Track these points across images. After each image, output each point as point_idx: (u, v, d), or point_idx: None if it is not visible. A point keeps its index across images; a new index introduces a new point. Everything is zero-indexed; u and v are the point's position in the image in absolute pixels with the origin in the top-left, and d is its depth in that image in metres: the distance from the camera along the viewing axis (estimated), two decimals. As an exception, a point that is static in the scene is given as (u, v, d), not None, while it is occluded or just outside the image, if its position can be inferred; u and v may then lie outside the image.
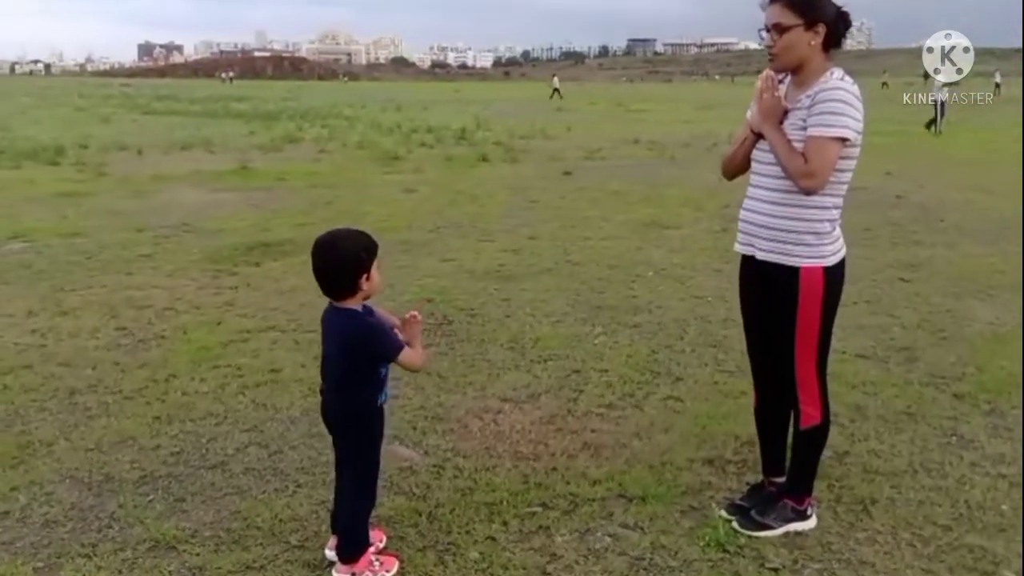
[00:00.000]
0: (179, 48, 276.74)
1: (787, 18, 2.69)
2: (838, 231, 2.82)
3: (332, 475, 2.94)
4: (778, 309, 2.84)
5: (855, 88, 2.67)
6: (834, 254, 2.79)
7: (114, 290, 6.34)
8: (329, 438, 2.86)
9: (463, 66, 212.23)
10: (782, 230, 2.77)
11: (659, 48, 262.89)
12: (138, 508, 3.14)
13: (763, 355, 3.03)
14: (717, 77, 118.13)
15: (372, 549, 2.79)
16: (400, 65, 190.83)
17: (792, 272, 2.77)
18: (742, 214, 2.93)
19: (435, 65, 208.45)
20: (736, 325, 3.71)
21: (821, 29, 2.71)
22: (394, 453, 3.59)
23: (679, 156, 16.16)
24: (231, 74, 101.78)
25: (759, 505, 3.05)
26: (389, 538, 2.93)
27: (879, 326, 5.32)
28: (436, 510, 3.16)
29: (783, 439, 3.10)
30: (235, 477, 3.39)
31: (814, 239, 2.74)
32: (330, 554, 2.81)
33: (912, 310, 5.64)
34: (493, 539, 2.97)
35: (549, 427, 3.94)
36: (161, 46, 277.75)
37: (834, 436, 3.73)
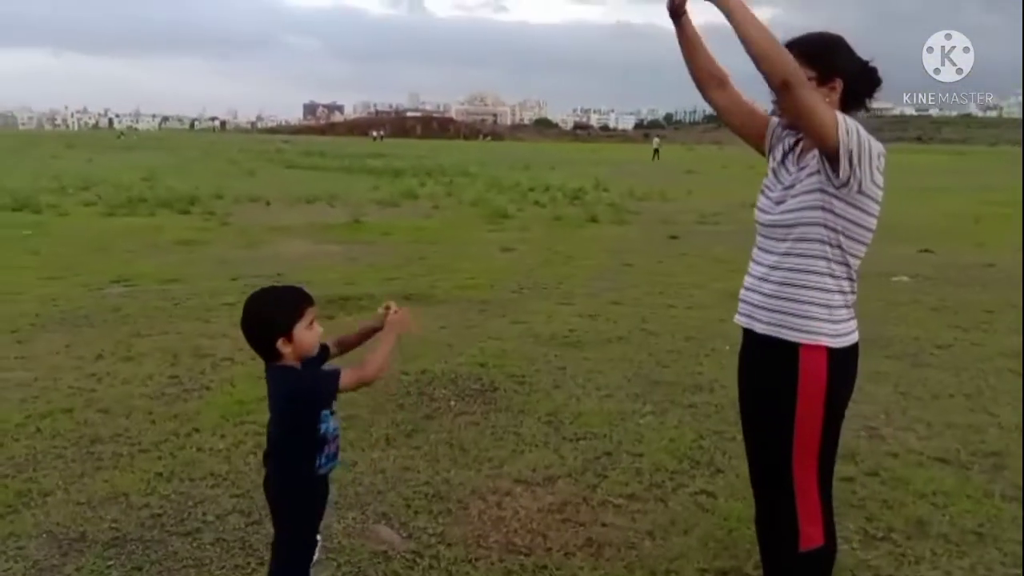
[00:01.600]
0: (340, 108, 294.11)
1: None
2: (852, 311, 2.39)
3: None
4: (775, 398, 2.40)
5: (877, 144, 2.27)
6: (843, 335, 2.34)
7: (186, 337, 6.47)
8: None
9: (604, 128, 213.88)
10: (781, 298, 2.36)
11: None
12: (93, 574, 3.03)
13: (760, 454, 2.59)
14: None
15: None
16: (543, 126, 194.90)
17: (791, 351, 2.33)
18: (744, 280, 2.54)
19: (577, 126, 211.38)
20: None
21: (838, 85, 2.36)
22: (375, 534, 3.35)
23: (801, 222, 15.31)
24: (382, 133, 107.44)
25: (755, 637, 2.58)
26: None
27: (971, 425, 4.62)
28: (395, 605, 2.88)
29: (787, 561, 2.62)
30: (202, 547, 3.23)
31: (819, 311, 2.32)
32: None
33: (1014, 408, 4.86)
34: (442, 647, 2.65)
35: (556, 516, 3.58)
36: (324, 106, 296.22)
37: (882, 556, 3.24)
